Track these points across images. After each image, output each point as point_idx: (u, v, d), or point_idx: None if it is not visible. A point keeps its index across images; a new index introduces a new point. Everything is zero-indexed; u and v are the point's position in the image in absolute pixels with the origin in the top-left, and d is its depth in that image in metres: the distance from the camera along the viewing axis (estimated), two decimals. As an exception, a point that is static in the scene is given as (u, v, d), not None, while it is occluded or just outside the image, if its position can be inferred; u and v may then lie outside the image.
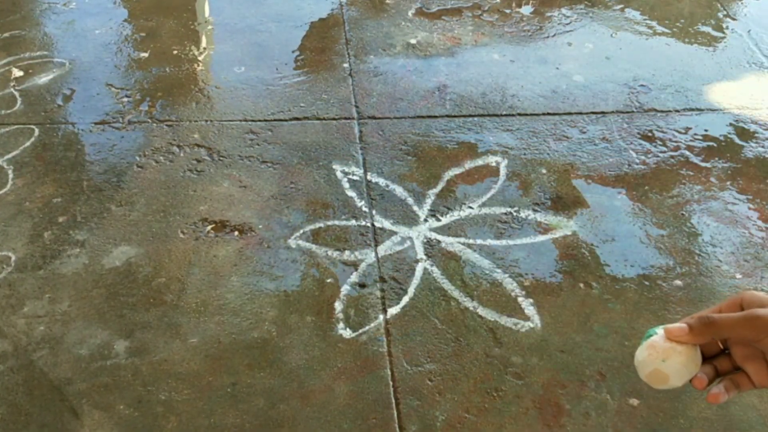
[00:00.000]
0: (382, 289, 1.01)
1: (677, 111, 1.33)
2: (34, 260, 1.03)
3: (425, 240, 1.07)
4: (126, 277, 1.01)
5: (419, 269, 1.03)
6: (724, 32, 1.57)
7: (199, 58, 1.43)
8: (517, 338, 0.95)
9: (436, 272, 1.03)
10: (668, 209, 1.13)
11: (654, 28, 1.57)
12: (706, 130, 1.29)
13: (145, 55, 1.44)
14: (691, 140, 1.27)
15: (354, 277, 1.02)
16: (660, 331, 0.61)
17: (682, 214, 1.13)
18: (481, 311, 0.98)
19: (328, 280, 1.02)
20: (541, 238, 1.09)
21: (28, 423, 0.85)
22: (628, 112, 1.32)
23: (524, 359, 0.93)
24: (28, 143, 1.22)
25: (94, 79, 1.37)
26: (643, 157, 1.23)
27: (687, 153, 1.24)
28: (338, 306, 0.99)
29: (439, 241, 1.07)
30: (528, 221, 1.11)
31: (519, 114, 1.32)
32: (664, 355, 0.62)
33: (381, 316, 0.97)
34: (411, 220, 1.11)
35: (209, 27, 1.53)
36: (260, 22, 1.55)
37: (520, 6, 1.63)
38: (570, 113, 1.32)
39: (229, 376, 0.90)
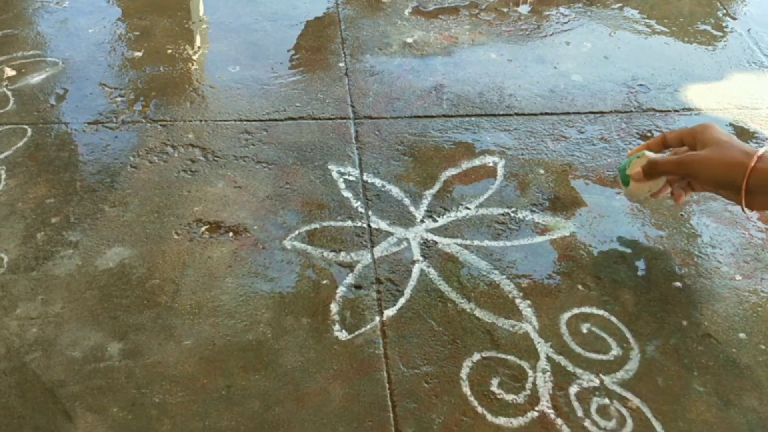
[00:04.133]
0: (379, 290, 1.00)
1: (676, 111, 1.33)
2: (27, 261, 1.02)
3: (422, 241, 1.07)
4: (120, 279, 1.00)
5: (416, 270, 1.03)
6: (723, 31, 1.56)
7: (194, 58, 1.42)
8: (514, 340, 0.94)
9: (432, 273, 1.02)
10: (667, 210, 1.13)
11: (653, 27, 1.57)
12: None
13: (139, 54, 1.43)
14: (690, 140, 1.26)
15: (350, 279, 1.01)
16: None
17: (682, 215, 1.12)
18: (479, 313, 0.97)
19: (324, 282, 1.01)
20: (539, 239, 1.08)
21: (21, 426, 0.84)
22: (626, 112, 1.32)
23: (521, 361, 0.92)
24: (20, 143, 1.21)
25: (87, 79, 1.36)
26: (641, 157, 1.22)
27: (686, 153, 1.23)
28: (334, 308, 0.98)
29: (435, 242, 1.07)
30: (526, 222, 1.10)
31: (516, 114, 1.31)
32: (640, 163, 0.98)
33: (377, 318, 0.96)
34: (407, 220, 1.10)
35: (204, 26, 1.52)
36: (255, 21, 1.54)
37: (517, 5, 1.62)
38: (568, 113, 1.32)
39: (223, 378, 0.89)
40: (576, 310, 0.98)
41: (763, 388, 0.90)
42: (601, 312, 0.98)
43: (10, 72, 1.36)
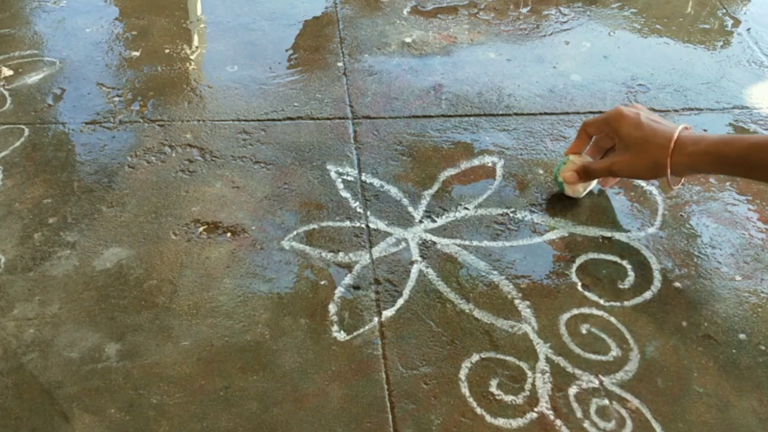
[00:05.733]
0: (377, 291, 1.00)
1: (676, 110, 1.33)
2: (24, 262, 1.02)
3: (420, 241, 1.06)
4: (117, 279, 1.00)
5: (414, 271, 1.02)
6: (723, 31, 1.56)
7: (191, 57, 1.42)
8: (513, 341, 0.94)
9: (431, 274, 1.02)
10: (667, 210, 1.12)
11: (652, 26, 1.57)
12: (705, 130, 1.28)
13: (137, 54, 1.42)
14: (689, 140, 1.26)
15: (348, 279, 1.01)
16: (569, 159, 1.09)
17: (681, 215, 1.12)
18: (477, 313, 0.97)
19: (322, 282, 1.01)
20: (537, 239, 1.08)
21: (17, 427, 0.83)
22: (626, 112, 1.32)
23: (520, 362, 0.92)
24: (17, 143, 1.21)
25: (84, 79, 1.35)
26: (641, 157, 1.22)
27: (686, 153, 1.23)
28: (332, 308, 0.97)
29: (434, 243, 1.06)
30: (525, 222, 1.10)
31: (516, 114, 1.31)
32: (569, 168, 1.08)
33: (376, 319, 0.96)
34: (406, 221, 1.09)
35: (201, 25, 1.51)
36: (253, 20, 1.54)
37: (517, 4, 1.62)
38: (567, 113, 1.31)
39: (221, 379, 0.89)
40: (575, 311, 0.98)
41: (763, 389, 0.89)
42: (600, 313, 0.98)
43: (7, 72, 1.36)
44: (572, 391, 0.89)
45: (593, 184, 1.12)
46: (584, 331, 0.95)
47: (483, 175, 1.18)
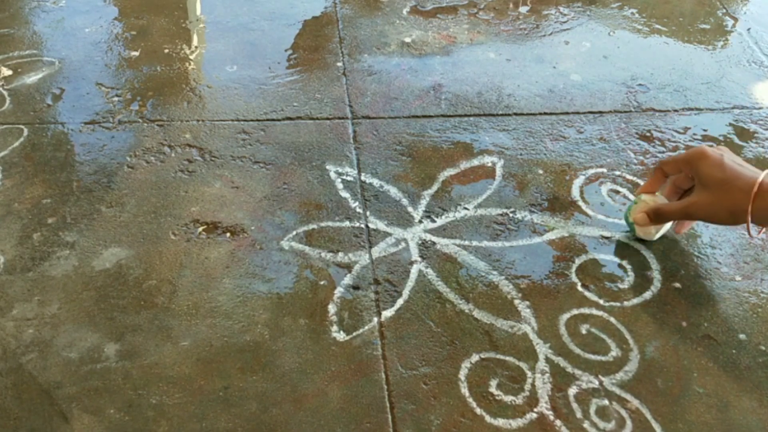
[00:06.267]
0: (377, 291, 1.00)
1: (676, 110, 1.33)
2: (23, 262, 1.02)
3: (420, 241, 1.06)
4: (116, 279, 1.00)
5: (414, 271, 1.02)
6: (723, 30, 1.56)
7: (191, 57, 1.42)
8: (513, 341, 0.94)
9: (431, 274, 1.02)
10: (667, 210, 1.12)
11: (652, 26, 1.57)
12: (705, 130, 1.28)
13: (136, 53, 1.42)
14: (690, 140, 1.26)
15: (348, 279, 1.01)
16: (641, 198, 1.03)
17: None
18: (477, 314, 0.97)
19: (322, 282, 1.00)
20: (537, 239, 1.08)
21: (16, 427, 0.83)
22: (626, 112, 1.32)
23: (520, 362, 0.92)
24: (16, 143, 1.20)
25: (83, 78, 1.35)
26: (641, 158, 1.22)
27: (685, 153, 1.23)
28: (332, 308, 0.97)
29: (434, 243, 1.06)
30: (524, 222, 1.10)
31: (515, 114, 1.31)
32: (640, 209, 1.02)
33: (375, 319, 0.96)
34: (406, 221, 1.09)
35: (201, 25, 1.51)
36: (253, 20, 1.54)
37: (516, 4, 1.62)
38: (567, 113, 1.31)
39: (221, 379, 0.89)
40: (575, 311, 0.98)
41: (763, 389, 0.89)
42: (600, 313, 0.97)
43: (6, 71, 1.36)
44: (572, 391, 0.89)
45: (667, 227, 1.05)
46: (584, 332, 0.95)
47: (482, 175, 1.18)
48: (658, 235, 1.05)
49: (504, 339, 0.94)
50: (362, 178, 1.16)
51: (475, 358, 0.92)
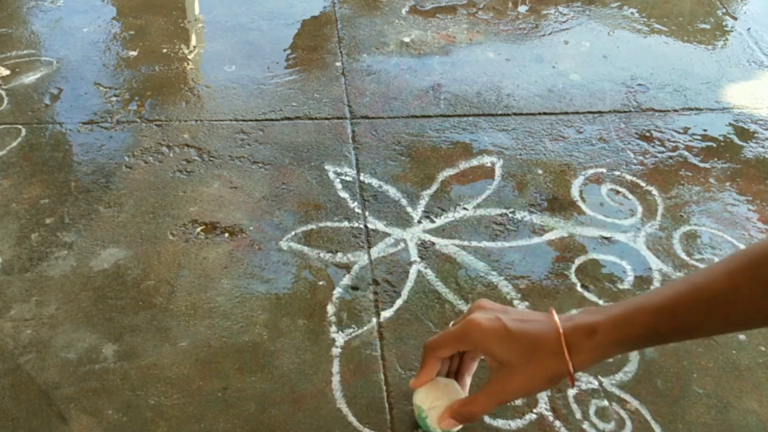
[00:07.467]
0: (376, 291, 0.99)
1: (675, 110, 1.32)
2: (21, 262, 1.01)
3: (419, 242, 1.06)
4: (114, 280, 1.00)
5: (413, 271, 1.02)
6: (723, 30, 1.56)
7: (189, 57, 1.41)
8: (513, 342, 0.94)
9: (430, 274, 1.02)
10: (667, 210, 1.12)
11: (652, 26, 1.56)
12: (705, 130, 1.28)
13: (134, 53, 1.42)
14: (689, 140, 1.26)
15: (347, 280, 1.01)
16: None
17: (681, 215, 1.11)
18: (477, 314, 0.97)
19: (321, 283, 1.00)
20: (536, 239, 1.07)
21: (15, 428, 0.83)
22: (625, 112, 1.31)
23: (520, 363, 0.92)
24: (14, 143, 1.20)
25: (82, 78, 1.35)
26: (641, 158, 1.22)
27: (686, 153, 1.23)
28: (330, 309, 0.97)
29: (433, 243, 1.06)
30: (524, 223, 1.10)
31: (515, 113, 1.31)
32: (419, 403, 0.79)
33: (374, 320, 0.96)
34: (405, 221, 1.09)
35: (199, 25, 1.51)
36: (251, 20, 1.53)
37: (515, 4, 1.62)
38: (566, 113, 1.31)
39: (219, 380, 0.88)
40: (574, 312, 0.97)
41: (763, 390, 0.89)
42: (599, 313, 0.97)
43: (4, 71, 1.35)
44: (571, 392, 0.89)
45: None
46: (584, 332, 0.95)
47: (482, 175, 1.17)
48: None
49: (503, 339, 0.94)
50: (361, 178, 1.16)
51: (474, 358, 0.92)
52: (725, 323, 0.66)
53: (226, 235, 1.06)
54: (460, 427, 0.80)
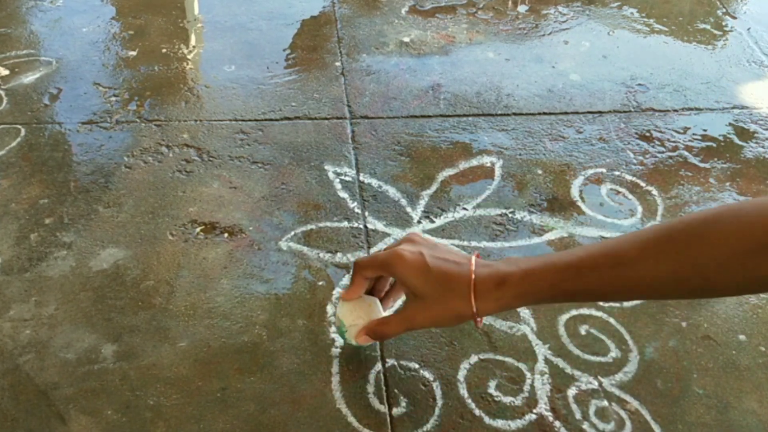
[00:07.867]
0: (375, 291, 0.99)
1: (675, 110, 1.32)
2: (21, 262, 1.01)
3: (419, 242, 1.06)
4: (114, 280, 1.00)
5: (413, 271, 1.02)
6: (723, 30, 1.56)
7: (189, 57, 1.41)
8: (512, 342, 0.94)
9: (430, 275, 1.01)
10: (667, 210, 1.12)
11: (652, 26, 1.56)
12: (704, 130, 1.28)
13: (134, 53, 1.42)
14: (689, 140, 1.26)
15: (346, 280, 1.01)
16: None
17: (681, 215, 1.11)
18: (476, 314, 0.97)
19: (320, 283, 1.00)
20: (536, 239, 1.07)
21: (14, 428, 0.83)
22: (625, 112, 1.31)
23: (519, 363, 0.91)
24: (14, 143, 1.20)
25: (81, 78, 1.35)
26: (640, 158, 1.21)
27: (685, 153, 1.23)
28: (330, 309, 0.97)
29: (433, 243, 1.06)
30: (524, 223, 1.10)
31: (514, 113, 1.31)
32: (342, 317, 0.86)
33: (374, 320, 0.96)
34: (404, 221, 1.09)
35: (199, 25, 1.51)
36: (251, 20, 1.53)
37: (515, 4, 1.62)
38: (566, 113, 1.31)
39: (218, 380, 0.88)
40: (574, 312, 0.97)
41: (763, 390, 0.89)
42: (599, 314, 0.97)
43: (3, 71, 1.35)
44: (571, 392, 0.88)
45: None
46: (583, 332, 0.95)
47: (481, 176, 1.17)
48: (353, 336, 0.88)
49: (503, 340, 0.94)
50: (361, 178, 1.16)
51: (474, 359, 0.92)
52: (627, 290, 0.70)
53: (226, 235, 1.06)
54: (373, 342, 0.88)
